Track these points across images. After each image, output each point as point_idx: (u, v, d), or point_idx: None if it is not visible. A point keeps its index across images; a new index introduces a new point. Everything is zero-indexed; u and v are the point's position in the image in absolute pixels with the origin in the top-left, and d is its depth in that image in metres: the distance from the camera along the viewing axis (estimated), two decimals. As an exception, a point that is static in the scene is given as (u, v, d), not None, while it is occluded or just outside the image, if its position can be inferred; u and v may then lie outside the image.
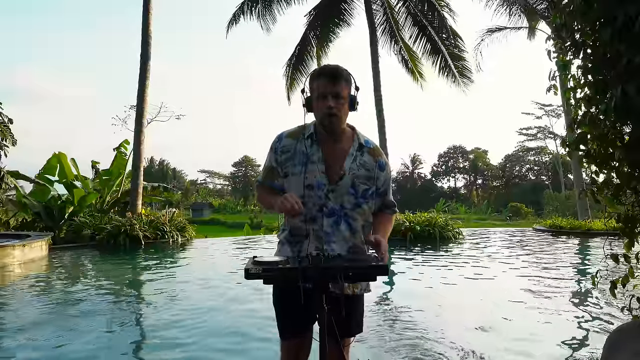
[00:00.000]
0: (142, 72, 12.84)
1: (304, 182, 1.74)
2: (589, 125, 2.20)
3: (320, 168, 1.74)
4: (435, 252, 9.28)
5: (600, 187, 2.27)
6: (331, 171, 1.75)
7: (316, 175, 1.74)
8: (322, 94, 1.70)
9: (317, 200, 1.74)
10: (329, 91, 1.69)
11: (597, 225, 13.52)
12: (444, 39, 14.34)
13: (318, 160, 1.75)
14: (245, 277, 1.54)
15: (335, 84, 1.69)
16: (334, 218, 1.76)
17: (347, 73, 1.73)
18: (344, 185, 1.75)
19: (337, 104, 1.69)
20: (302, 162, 1.75)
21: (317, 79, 1.72)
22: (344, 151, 1.77)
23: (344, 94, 1.71)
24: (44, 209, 12.24)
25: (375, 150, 1.83)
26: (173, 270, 7.64)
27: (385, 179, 1.85)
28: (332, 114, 1.69)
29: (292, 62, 15.26)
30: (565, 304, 4.67)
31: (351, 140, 1.80)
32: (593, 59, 2.14)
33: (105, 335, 3.79)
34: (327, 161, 1.75)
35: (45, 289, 5.99)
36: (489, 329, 3.76)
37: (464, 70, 14.56)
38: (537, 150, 57.80)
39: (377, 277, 1.65)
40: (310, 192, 1.74)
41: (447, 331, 3.68)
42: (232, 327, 3.91)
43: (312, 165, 1.74)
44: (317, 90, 1.72)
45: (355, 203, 1.78)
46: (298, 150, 1.77)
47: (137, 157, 12.82)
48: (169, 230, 11.30)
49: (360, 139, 1.81)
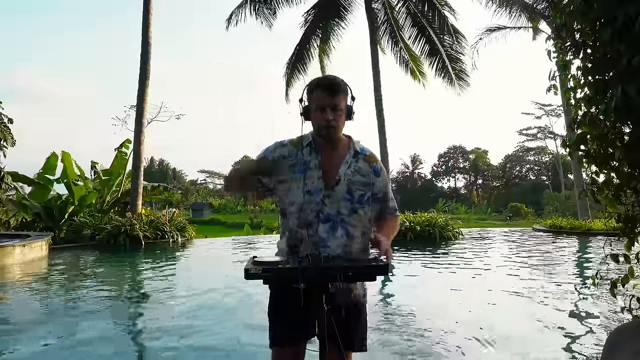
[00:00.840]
0: (142, 72, 12.83)
1: (304, 188, 1.78)
2: (589, 125, 2.20)
3: (317, 174, 1.79)
4: (435, 252, 9.28)
5: (601, 187, 2.27)
6: (328, 177, 1.79)
7: (314, 181, 1.78)
8: (320, 106, 1.74)
9: (314, 206, 1.77)
10: (327, 104, 1.73)
11: (597, 225, 13.51)
12: (443, 40, 14.34)
13: (315, 166, 1.80)
14: (245, 277, 1.54)
15: (334, 97, 1.73)
16: (330, 224, 1.78)
17: (344, 84, 1.78)
18: (340, 191, 1.79)
19: (335, 115, 1.74)
20: (302, 170, 1.79)
21: (315, 90, 1.76)
22: (341, 158, 1.82)
23: (341, 105, 1.75)
24: (43, 209, 12.25)
25: (370, 157, 1.88)
26: (173, 270, 7.65)
27: (382, 184, 1.88)
28: (330, 126, 1.74)
29: (292, 62, 15.27)
30: (565, 304, 4.67)
31: (347, 147, 1.85)
32: (593, 59, 2.14)
33: (104, 336, 3.79)
34: (324, 167, 1.80)
35: (45, 289, 5.99)
36: (488, 329, 3.76)
37: (460, 73, 14.58)
38: (537, 150, 57.76)
39: (377, 277, 1.66)
40: (309, 197, 1.78)
41: (444, 332, 3.67)
42: (234, 330, 3.91)
43: (310, 171, 1.79)
44: (315, 102, 1.76)
45: (352, 209, 1.80)
46: (299, 159, 1.81)
47: (137, 157, 12.81)
48: (169, 230, 11.30)
49: (356, 147, 1.86)
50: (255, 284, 1.60)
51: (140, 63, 12.85)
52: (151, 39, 12.94)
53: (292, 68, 15.28)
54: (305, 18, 15.09)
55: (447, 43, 14.38)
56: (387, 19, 15.16)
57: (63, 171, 13.15)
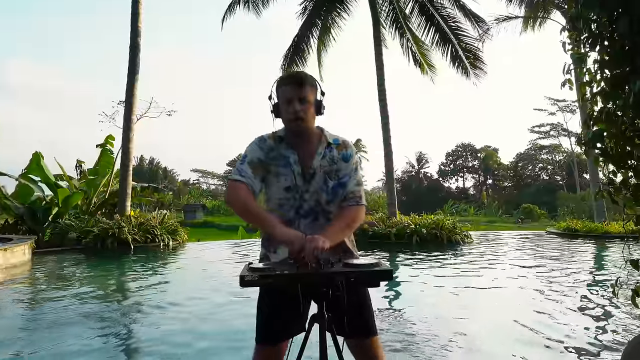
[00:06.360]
0: (132, 65, 12.82)
1: (284, 183, 1.88)
2: (605, 121, 2.19)
3: (296, 170, 1.88)
4: (443, 257, 9.28)
5: (618, 187, 2.27)
6: (304, 172, 1.88)
7: (294, 177, 1.87)
8: (288, 99, 1.84)
9: (292, 202, 1.88)
10: (295, 95, 1.83)
11: (615, 228, 13.53)
12: (454, 29, 14.22)
13: (295, 162, 1.88)
14: (241, 285, 1.54)
15: (301, 88, 1.83)
16: (311, 217, 1.88)
17: (312, 78, 1.89)
18: (316, 183, 1.88)
19: (303, 107, 1.83)
20: (283, 164, 1.88)
21: (283, 85, 1.86)
22: (314, 150, 1.91)
23: (309, 98, 1.85)
24: (27, 211, 12.24)
25: (342, 144, 1.95)
26: (164, 276, 7.64)
27: (348, 169, 1.92)
28: (298, 117, 1.83)
29: (289, 54, 15.25)
30: (581, 313, 4.67)
31: (319, 139, 1.93)
32: (610, 52, 2.13)
33: (88, 346, 3.77)
34: (301, 163, 1.88)
35: (27, 296, 5.98)
36: (501, 337, 3.76)
37: (476, 60, 14.24)
38: (551, 148, 57.78)
39: (380, 283, 1.66)
40: (287, 194, 1.88)
41: (454, 341, 3.67)
42: (226, 339, 3.90)
43: (289, 167, 1.88)
44: (282, 95, 1.86)
45: (328, 199, 1.90)
46: (280, 153, 1.89)
47: (125, 156, 12.80)
48: (160, 233, 11.30)
49: (329, 138, 1.94)
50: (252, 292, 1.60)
51: (130, 55, 12.84)
52: (141, 29, 12.92)
53: (289, 61, 15.26)
54: (305, 6, 15.08)
55: (461, 29, 14.20)
56: (392, 8, 15.10)
57: (39, 172, 13.08)
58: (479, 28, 14.36)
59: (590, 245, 11.60)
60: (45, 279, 7.39)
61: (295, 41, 15.19)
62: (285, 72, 2.22)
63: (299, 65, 15.31)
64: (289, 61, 15.20)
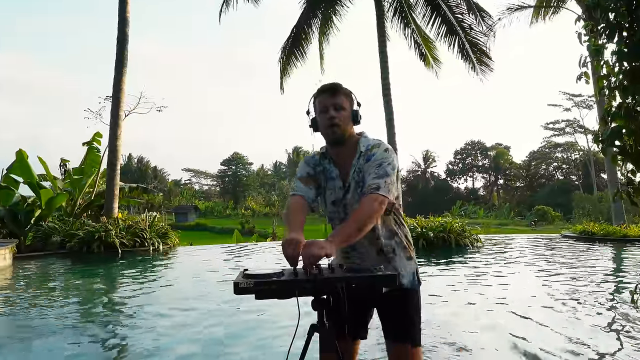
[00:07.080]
0: (119, 57, 12.82)
1: (330, 198, 2.04)
2: (624, 117, 2.19)
3: (338, 184, 2.01)
4: (451, 262, 9.28)
5: (638, 187, 2.26)
6: (344, 185, 2.02)
7: (336, 191, 2.02)
8: (323, 108, 1.96)
9: (338, 215, 2.03)
10: (329, 103, 1.94)
11: (634, 230, 13.52)
12: (461, 21, 14.25)
13: (337, 176, 2.02)
14: (235, 292, 1.54)
15: (335, 96, 1.95)
16: None
17: (346, 89, 2.01)
18: (351, 195, 1.99)
19: (338, 114, 1.94)
20: (328, 179, 2.05)
21: (318, 96, 2.00)
22: (350, 162, 2.01)
23: (344, 105, 1.96)
24: (8, 213, 12.24)
25: (371, 148, 1.98)
26: (153, 282, 7.63)
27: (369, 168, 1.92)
28: (333, 124, 1.93)
29: (287, 46, 15.22)
30: (598, 322, 4.66)
31: (355, 149, 2.01)
32: (629, 43, 2.13)
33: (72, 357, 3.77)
34: (341, 177, 2.02)
35: (7, 304, 5.97)
36: (515, 348, 3.75)
37: (482, 56, 14.35)
38: (566, 146, 57.82)
39: (383, 289, 1.66)
40: (334, 207, 2.04)
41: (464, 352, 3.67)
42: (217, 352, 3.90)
43: (332, 181, 2.03)
44: (318, 106, 1.99)
45: None
46: (326, 168, 2.06)
47: (113, 154, 12.79)
48: (149, 236, 11.31)
49: (361, 147, 1.99)
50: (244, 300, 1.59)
51: (117, 47, 12.84)
52: (129, 18, 12.91)
53: (287, 54, 15.23)
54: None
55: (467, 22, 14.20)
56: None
57: (22, 171, 13.03)
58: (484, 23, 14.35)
59: (608, 249, 11.59)
60: (27, 286, 7.39)
61: (293, 32, 15.16)
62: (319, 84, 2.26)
63: (298, 59, 15.31)
64: (287, 53, 15.18)
